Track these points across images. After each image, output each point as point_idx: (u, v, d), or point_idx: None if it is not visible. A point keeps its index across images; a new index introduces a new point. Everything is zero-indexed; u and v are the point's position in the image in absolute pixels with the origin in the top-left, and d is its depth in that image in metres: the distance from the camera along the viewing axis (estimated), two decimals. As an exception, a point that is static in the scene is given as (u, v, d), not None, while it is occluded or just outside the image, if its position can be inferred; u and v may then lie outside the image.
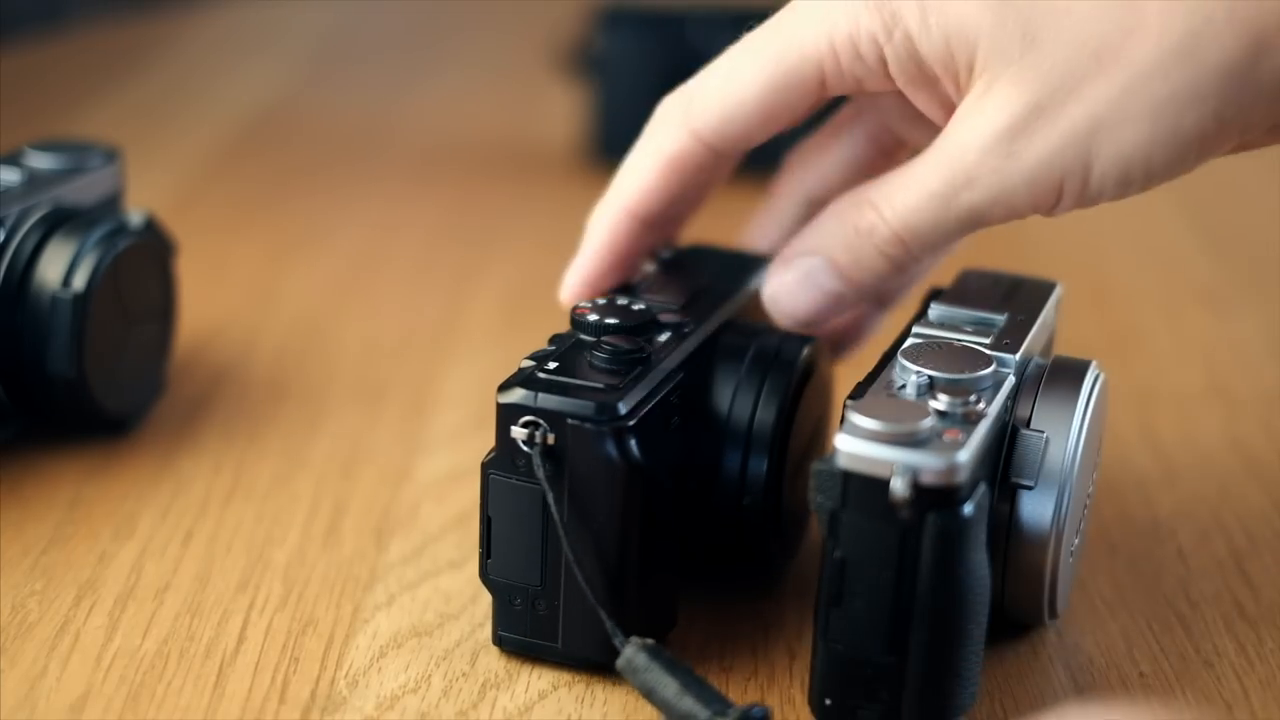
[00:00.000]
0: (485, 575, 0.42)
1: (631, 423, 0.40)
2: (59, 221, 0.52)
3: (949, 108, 0.43)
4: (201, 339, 0.61)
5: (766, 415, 0.44)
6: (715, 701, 0.38)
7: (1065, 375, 0.43)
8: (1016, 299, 0.45)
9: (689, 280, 0.48)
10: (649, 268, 0.49)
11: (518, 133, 0.91)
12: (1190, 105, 0.39)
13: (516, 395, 0.40)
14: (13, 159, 0.54)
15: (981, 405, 0.39)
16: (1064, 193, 0.41)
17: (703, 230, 0.52)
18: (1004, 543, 0.42)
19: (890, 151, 0.50)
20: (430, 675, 0.42)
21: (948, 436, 0.37)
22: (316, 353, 0.62)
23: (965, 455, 0.37)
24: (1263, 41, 0.39)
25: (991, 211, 0.42)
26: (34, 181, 0.52)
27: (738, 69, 0.45)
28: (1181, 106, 0.39)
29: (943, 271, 0.49)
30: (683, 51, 0.81)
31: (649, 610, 0.42)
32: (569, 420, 0.40)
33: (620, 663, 0.39)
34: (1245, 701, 0.42)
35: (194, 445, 0.54)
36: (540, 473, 0.40)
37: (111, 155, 0.55)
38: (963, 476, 0.37)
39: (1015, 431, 0.42)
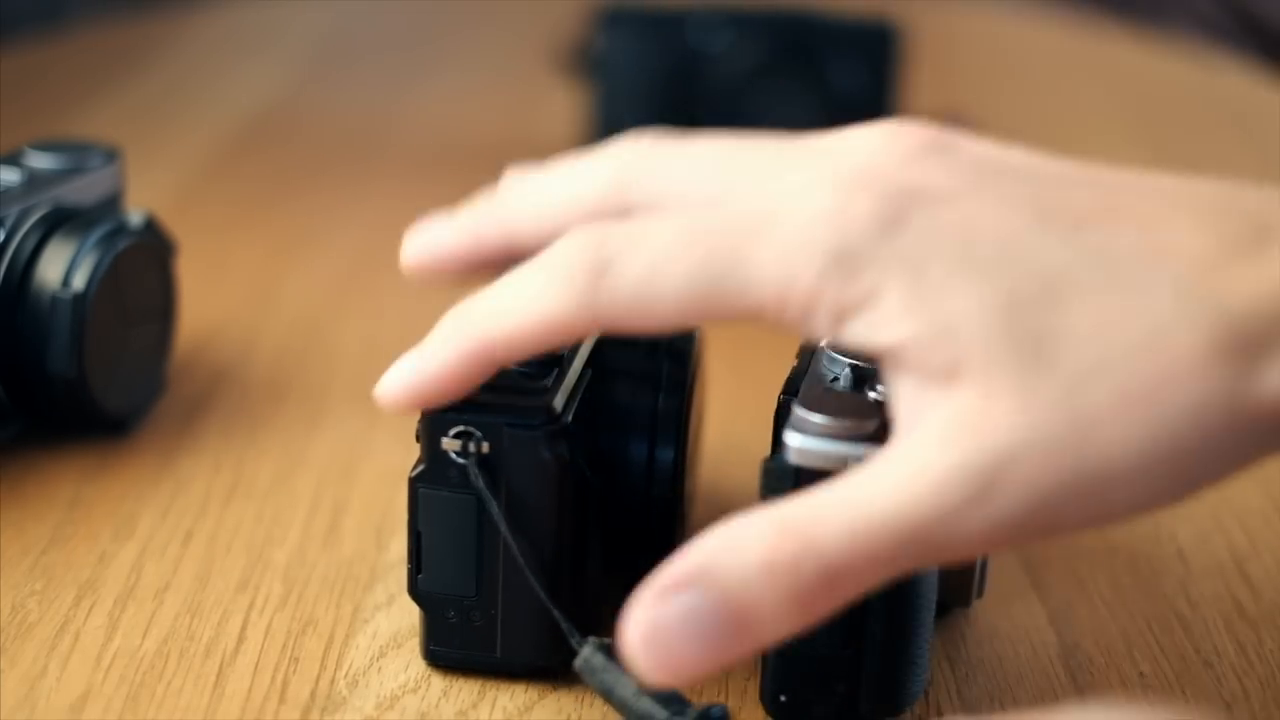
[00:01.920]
0: (415, 590, 0.41)
1: (566, 424, 0.40)
2: (59, 221, 0.52)
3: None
4: (201, 339, 0.61)
5: (670, 405, 0.44)
6: (673, 702, 0.37)
7: None
8: None
9: None
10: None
11: (518, 133, 0.91)
12: None
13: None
14: (13, 159, 0.53)
15: None
16: None
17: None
18: None
19: None
20: (430, 675, 0.42)
21: None
22: (316, 353, 0.62)
23: None
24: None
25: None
26: (34, 181, 0.52)
27: (664, 274, 0.36)
28: None
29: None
30: (683, 51, 0.82)
31: (589, 609, 0.42)
32: (506, 428, 0.39)
33: (578, 663, 0.38)
34: (1245, 701, 0.42)
35: (194, 445, 0.54)
36: (478, 483, 0.39)
37: (111, 155, 0.55)
38: None
39: None
